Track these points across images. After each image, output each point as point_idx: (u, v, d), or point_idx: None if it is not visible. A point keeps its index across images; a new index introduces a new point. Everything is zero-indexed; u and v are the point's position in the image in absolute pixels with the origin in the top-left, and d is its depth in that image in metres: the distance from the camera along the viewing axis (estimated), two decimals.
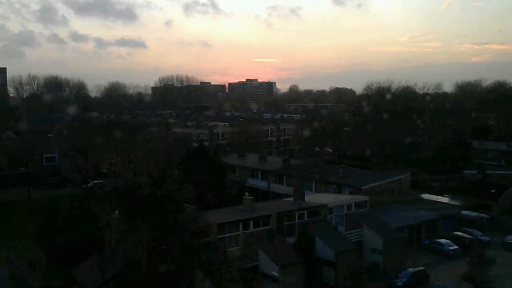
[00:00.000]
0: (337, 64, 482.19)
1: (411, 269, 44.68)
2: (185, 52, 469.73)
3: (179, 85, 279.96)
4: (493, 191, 67.88)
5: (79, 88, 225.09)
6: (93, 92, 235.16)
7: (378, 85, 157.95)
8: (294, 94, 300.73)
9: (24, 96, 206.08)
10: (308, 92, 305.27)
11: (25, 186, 77.50)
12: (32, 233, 48.16)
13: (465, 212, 62.33)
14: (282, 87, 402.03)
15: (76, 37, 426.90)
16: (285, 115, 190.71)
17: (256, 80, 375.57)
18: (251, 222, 43.73)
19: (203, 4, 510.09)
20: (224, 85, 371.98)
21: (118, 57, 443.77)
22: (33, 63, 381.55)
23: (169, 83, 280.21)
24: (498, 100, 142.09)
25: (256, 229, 43.66)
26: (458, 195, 69.04)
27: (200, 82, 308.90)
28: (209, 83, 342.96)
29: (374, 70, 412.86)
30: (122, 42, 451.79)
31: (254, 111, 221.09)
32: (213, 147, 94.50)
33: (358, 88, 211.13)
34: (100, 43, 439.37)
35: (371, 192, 58.83)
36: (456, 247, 52.20)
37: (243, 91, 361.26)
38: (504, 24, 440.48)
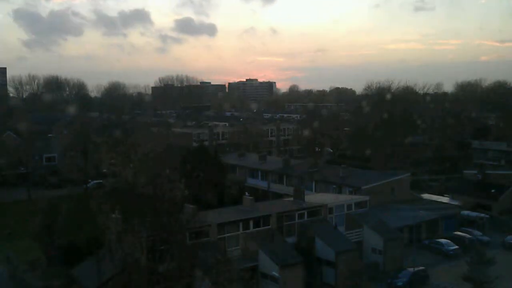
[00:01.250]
0: (343, 62, 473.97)
1: (411, 269, 44.69)
2: (185, 51, 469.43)
3: (179, 85, 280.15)
4: (493, 191, 67.91)
5: (79, 88, 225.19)
6: (93, 92, 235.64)
7: (378, 85, 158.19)
8: (294, 94, 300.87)
9: (24, 96, 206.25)
10: (308, 92, 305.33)
11: (25, 186, 77.51)
12: (32, 233, 48.17)
13: (465, 212, 62.35)
14: (282, 87, 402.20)
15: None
16: (285, 115, 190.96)
17: (256, 80, 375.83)
18: (251, 222, 43.73)
19: (202, 4, 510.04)
20: (224, 85, 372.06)
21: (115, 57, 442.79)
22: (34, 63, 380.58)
23: (169, 83, 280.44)
24: (498, 100, 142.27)
25: (256, 229, 43.65)
26: (458, 195, 69.06)
27: (200, 82, 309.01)
28: (209, 82, 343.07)
29: (385, 68, 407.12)
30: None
31: (254, 111, 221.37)
32: (213, 147, 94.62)
33: (359, 88, 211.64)
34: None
35: (371, 192, 58.83)
36: (456, 247, 52.20)
37: (243, 91, 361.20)
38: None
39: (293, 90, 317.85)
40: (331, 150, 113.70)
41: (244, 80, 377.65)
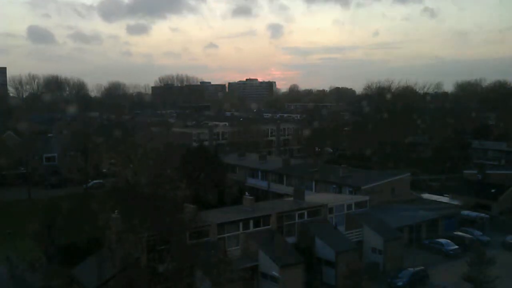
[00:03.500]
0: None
1: (411, 269, 44.75)
2: (185, 51, 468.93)
3: (179, 85, 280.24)
4: (493, 191, 67.92)
5: (79, 88, 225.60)
6: (93, 92, 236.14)
7: (378, 85, 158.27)
8: (294, 94, 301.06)
9: (24, 96, 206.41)
10: (308, 92, 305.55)
11: (25, 186, 77.53)
12: (32, 233, 48.13)
13: (465, 212, 62.37)
14: (282, 87, 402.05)
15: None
16: (285, 115, 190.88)
17: (256, 80, 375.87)
18: (251, 222, 43.69)
19: (202, 2, 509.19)
20: (224, 85, 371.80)
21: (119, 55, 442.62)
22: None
23: (169, 82, 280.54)
24: (498, 100, 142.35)
25: (256, 229, 43.63)
26: (458, 195, 69.05)
27: (200, 82, 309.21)
28: (209, 82, 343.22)
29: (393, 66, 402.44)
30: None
31: (254, 111, 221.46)
32: (213, 147, 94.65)
33: (359, 88, 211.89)
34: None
35: (371, 192, 58.81)
36: (456, 247, 52.21)
37: (243, 91, 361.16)
38: None
39: (293, 90, 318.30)
40: (331, 150, 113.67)
41: (244, 79, 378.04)
